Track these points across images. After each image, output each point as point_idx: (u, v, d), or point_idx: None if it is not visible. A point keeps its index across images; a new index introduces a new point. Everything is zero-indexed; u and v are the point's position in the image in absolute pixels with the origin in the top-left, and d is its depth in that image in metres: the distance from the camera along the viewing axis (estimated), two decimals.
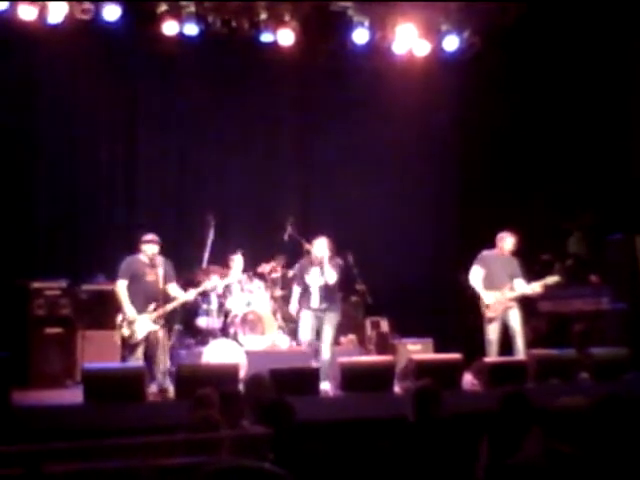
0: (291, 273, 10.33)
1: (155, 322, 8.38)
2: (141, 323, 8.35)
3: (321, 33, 11.48)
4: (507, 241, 9.60)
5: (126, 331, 8.40)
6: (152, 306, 8.41)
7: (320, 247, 9.18)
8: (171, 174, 11.74)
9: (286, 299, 10.46)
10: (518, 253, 9.71)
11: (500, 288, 9.47)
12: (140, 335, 8.35)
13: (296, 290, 9.39)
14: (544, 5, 11.06)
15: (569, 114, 11.80)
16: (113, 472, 4.02)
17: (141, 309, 8.41)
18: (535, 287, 9.47)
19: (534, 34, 11.59)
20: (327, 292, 9.17)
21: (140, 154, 11.52)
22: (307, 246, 9.40)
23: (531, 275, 9.70)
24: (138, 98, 11.60)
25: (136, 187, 11.44)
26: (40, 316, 9.52)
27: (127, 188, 11.41)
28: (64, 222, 10.92)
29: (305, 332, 9.06)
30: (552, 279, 9.53)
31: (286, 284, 10.66)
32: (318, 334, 9.09)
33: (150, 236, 8.59)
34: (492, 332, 9.43)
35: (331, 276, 9.11)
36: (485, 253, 9.69)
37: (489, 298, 9.44)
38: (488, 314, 9.44)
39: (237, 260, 10.62)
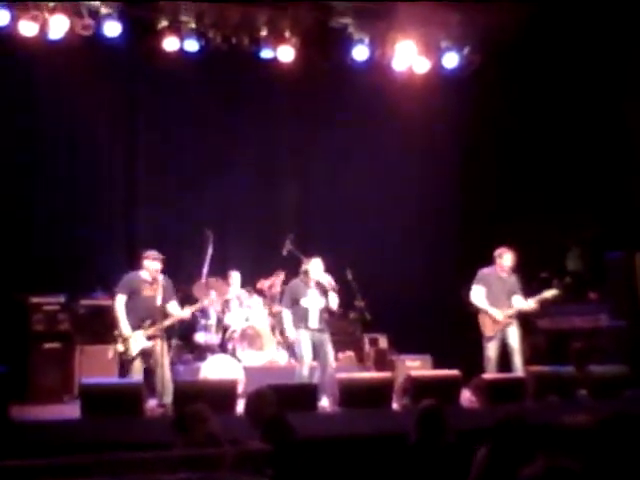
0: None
1: (150, 339, 8.35)
2: (135, 339, 8.33)
3: (321, 50, 11.52)
4: (505, 257, 9.56)
5: (120, 347, 8.37)
6: (148, 322, 8.39)
7: (318, 269, 9.11)
8: (170, 189, 11.74)
9: None
10: (517, 270, 9.71)
11: (499, 306, 9.46)
12: (134, 351, 8.31)
13: (287, 314, 9.20)
14: (543, 21, 11.10)
15: (569, 129, 11.84)
16: None
17: (136, 325, 8.38)
18: (533, 302, 9.46)
19: (534, 50, 11.64)
20: (324, 313, 9.16)
21: (140, 169, 11.55)
22: (304, 267, 9.31)
23: (529, 292, 9.68)
24: (138, 114, 11.63)
25: (135, 202, 11.46)
26: (39, 331, 9.51)
27: (127, 203, 11.43)
28: (63, 237, 10.92)
29: (308, 352, 8.88)
30: (550, 293, 9.51)
31: None
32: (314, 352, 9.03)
33: (152, 253, 8.56)
34: (491, 349, 9.40)
35: (335, 302, 9.11)
36: (484, 271, 9.65)
37: (498, 314, 9.41)
38: (487, 332, 9.42)
39: (235, 277, 10.63)
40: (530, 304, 9.44)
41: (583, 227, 11.74)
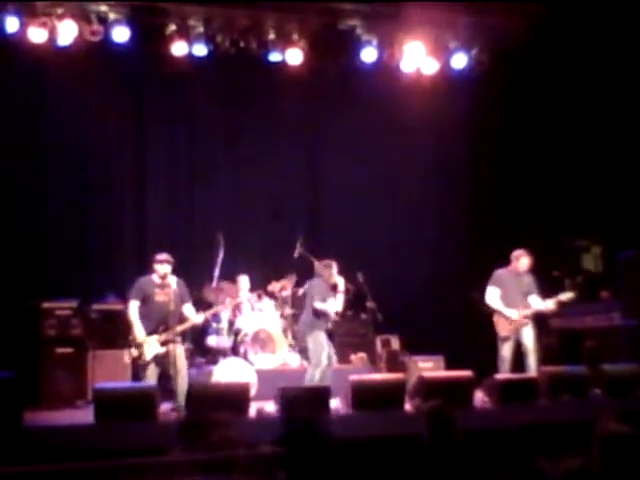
0: (301, 291, 10.41)
1: (164, 344, 8.35)
2: (149, 345, 8.33)
3: (329, 52, 11.54)
4: (522, 259, 9.53)
5: (135, 352, 8.37)
6: (161, 328, 8.38)
7: (335, 273, 9.24)
8: (180, 193, 11.77)
9: (296, 318, 10.48)
10: (530, 269, 9.68)
11: (515, 307, 9.44)
12: (148, 356, 8.30)
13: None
14: (552, 23, 11.07)
15: (579, 130, 11.80)
16: None
17: (151, 330, 8.38)
18: (549, 304, 9.43)
19: (542, 51, 11.62)
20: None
21: (149, 173, 11.56)
22: (325, 271, 9.36)
23: (541, 291, 9.65)
24: (147, 118, 11.65)
25: (146, 205, 11.47)
26: (51, 336, 9.54)
27: (137, 207, 11.45)
28: (74, 242, 10.95)
29: (325, 358, 8.97)
30: (567, 295, 9.48)
31: (296, 302, 10.67)
32: None
33: (162, 256, 8.56)
34: (506, 349, 9.39)
35: (340, 305, 9.24)
36: (499, 272, 9.63)
37: (513, 314, 9.39)
38: (502, 333, 9.40)
39: (243, 281, 10.64)
40: (547, 305, 9.42)
41: (594, 227, 11.70)
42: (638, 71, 11.28)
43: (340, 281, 9.23)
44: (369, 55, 11.38)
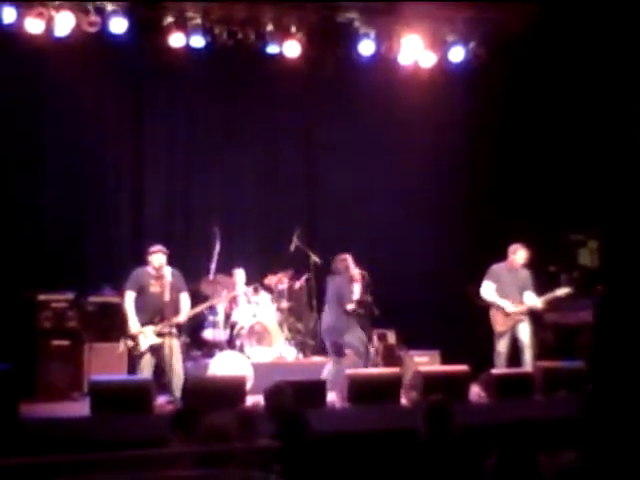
0: (298, 285, 10.44)
1: (159, 335, 8.35)
2: (145, 335, 8.34)
3: (327, 45, 11.50)
4: (519, 253, 9.53)
5: (130, 342, 8.39)
6: (157, 318, 8.39)
7: (352, 265, 9.65)
8: (177, 185, 11.73)
9: (293, 311, 10.48)
10: (526, 265, 9.68)
11: (510, 301, 9.43)
12: (143, 347, 8.33)
13: None
14: (550, 17, 11.06)
15: (576, 124, 11.79)
16: None
17: (146, 321, 8.39)
18: (545, 300, 9.43)
19: (540, 45, 11.60)
20: None
21: (146, 165, 11.53)
22: (345, 264, 9.55)
23: (537, 287, 9.66)
24: (144, 110, 11.61)
25: (143, 198, 11.44)
26: (47, 328, 9.52)
27: (134, 199, 11.42)
28: (71, 234, 10.94)
29: None
30: (563, 291, 9.49)
31: (292, 296, 10.67)
32: None
33: (156, 247, 8.58)
34: (502, 345, 9.40)
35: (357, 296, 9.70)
36: (495, 267, 9.63)
37: (508, 306, 9.39)
38: (498, 328, 9.40)
39: (239, 274, 10.63)
40: (542, 302, 9.42)
41: (591, 222, 11.69)
42: (635, 65, 11.28)
43: (355, 271, 9.47)
44: (367, 48, 11.34)
